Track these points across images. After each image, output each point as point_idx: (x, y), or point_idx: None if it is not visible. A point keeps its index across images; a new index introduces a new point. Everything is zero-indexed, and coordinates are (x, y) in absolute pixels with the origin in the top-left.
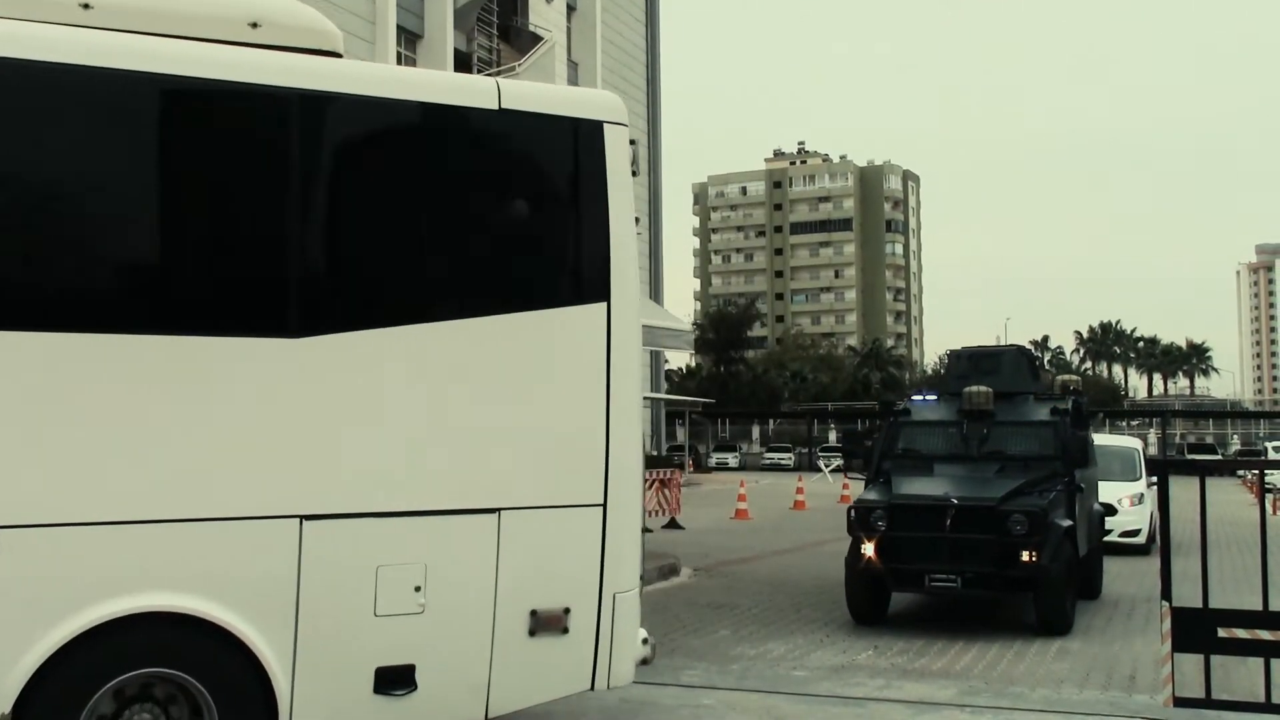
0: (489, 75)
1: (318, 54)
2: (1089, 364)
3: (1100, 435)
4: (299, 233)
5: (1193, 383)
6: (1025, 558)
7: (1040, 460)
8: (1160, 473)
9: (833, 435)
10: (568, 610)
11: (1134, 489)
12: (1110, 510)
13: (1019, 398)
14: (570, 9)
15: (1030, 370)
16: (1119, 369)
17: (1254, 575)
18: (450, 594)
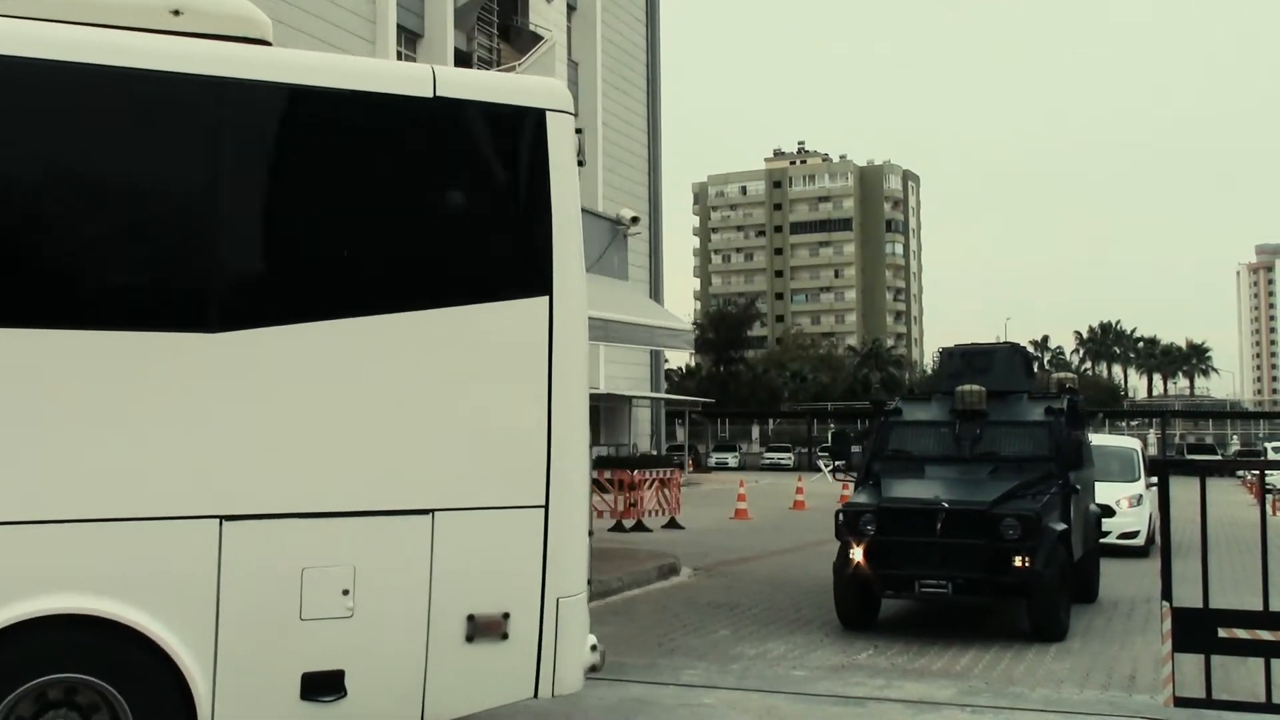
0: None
1: (245, 42)
2: (1089, 364)
3: (1099, 435)
4: (219, 225)
5: (1192, 383)
6: (1018, 563)
7: (1034, 461)
8: (1161, 473)
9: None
10: (507, 615)
11: (1133, 490)
12: (1108, 512)
13: (1013, 397)
14: (570, 8)
15: (1024, 368)
16: (1119, 369)
17: (1254, 576)
18: (381, 598)
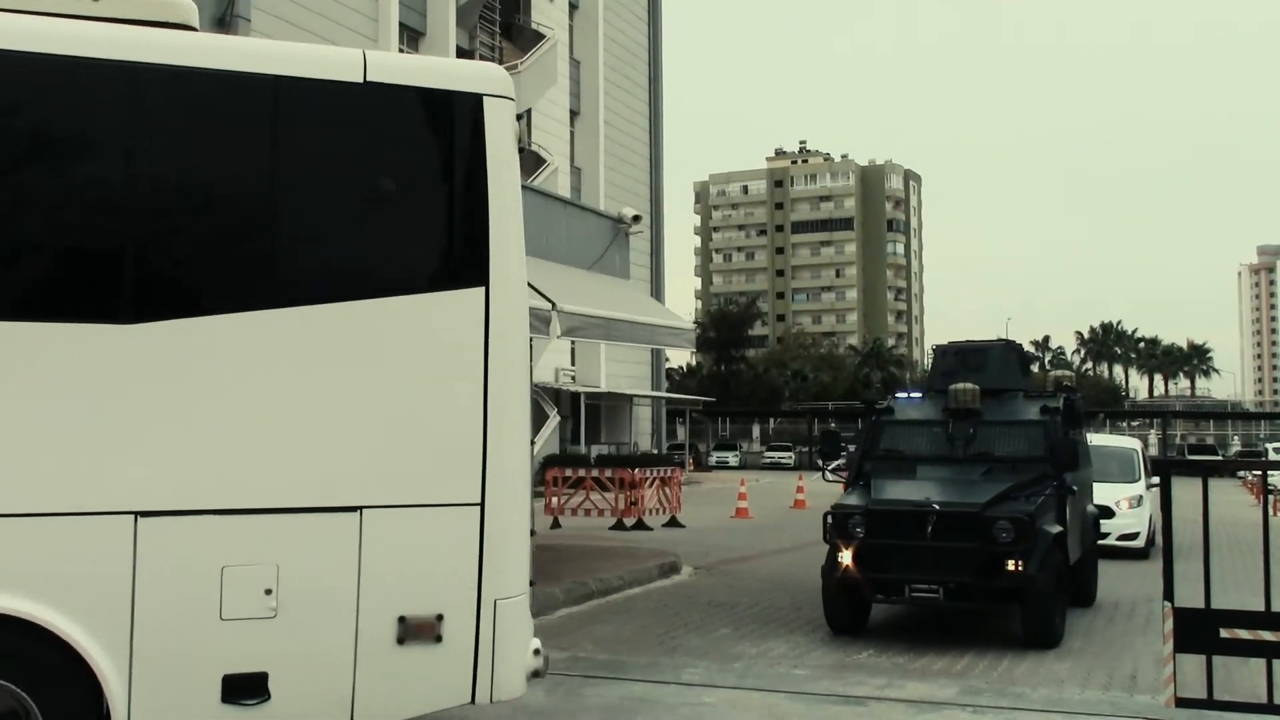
0: None
1: (168, 28)
2: (1090, 364)
3: (1099, 435)
4: (135, 214)
5: (1193, 383)
6: (1011, 567)
7: (1029, 462)
8: (1163, 473)
9: None
10: (441, 617)
11: (1132, 491)
12: (1107, 513)
13: (1008, 395)
14: (572, 7)
15: (1020, 366)
16: (1120, 369)
17: (1256, 576)
18: (306, 598)
